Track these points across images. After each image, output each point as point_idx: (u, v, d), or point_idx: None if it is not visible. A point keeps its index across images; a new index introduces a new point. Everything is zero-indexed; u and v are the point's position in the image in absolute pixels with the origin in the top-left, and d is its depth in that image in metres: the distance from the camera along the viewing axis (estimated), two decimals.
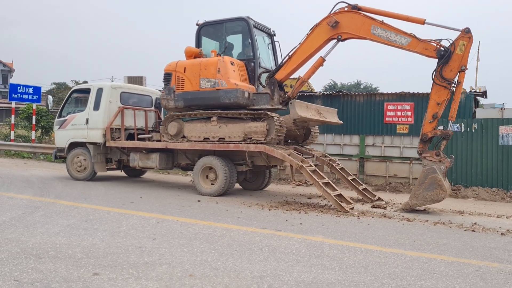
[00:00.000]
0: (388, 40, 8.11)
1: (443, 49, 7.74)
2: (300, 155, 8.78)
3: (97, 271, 3.91)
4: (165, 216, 6.65)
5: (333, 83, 46.52)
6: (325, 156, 9.93)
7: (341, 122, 10.69)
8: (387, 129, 12.82)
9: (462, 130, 11.54)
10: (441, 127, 8.75)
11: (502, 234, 6.35)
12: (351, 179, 9.60)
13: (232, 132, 9.10)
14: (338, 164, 9.86)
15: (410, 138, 12.49)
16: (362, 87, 46.10)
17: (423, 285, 3.88)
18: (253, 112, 9.06)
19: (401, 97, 12.70)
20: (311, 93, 14.03)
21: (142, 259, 4.32)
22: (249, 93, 9.17)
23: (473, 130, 11.51)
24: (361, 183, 9.93)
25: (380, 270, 4.29)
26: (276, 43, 10.52)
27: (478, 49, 29.43)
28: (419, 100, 12.44)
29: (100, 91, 10.88)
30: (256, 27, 9.77)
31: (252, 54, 9.66)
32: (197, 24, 10.15)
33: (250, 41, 9.64)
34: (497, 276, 4.26)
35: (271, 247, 4.99)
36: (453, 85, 7.80)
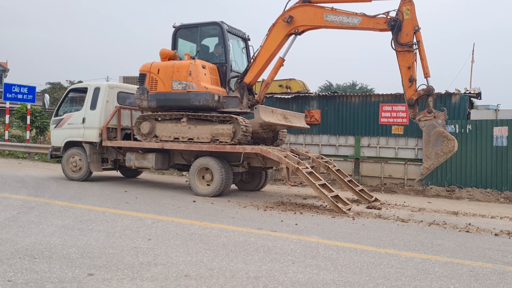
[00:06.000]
0: (341, 23, 8.55)
1: (392, 19, 8.15)
2: (296, 157, 8.81)
3: (92, 271, 3.90)
4: (160, 217, 6.64)
5: (328, 84, 46.62)
6: (321, 158, 9.96)
7: (308, 126, 11.14)
8: (382, 130, 12.87)
9: (457, 131, 11.61)
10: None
11: (496, 234, 6.40)
12: (347, 181, 9.63)
13: (200, 133, 9.33)
14: (334, 166, 9.88)
15: (405, 139, 12.54)
16: (357, 88, 46.17)
17: (417, 286, 3.90)
18: (219, 114, 9.27)
19: (396, 98, 12.75)
20: (307, 94, 14.06)
21: (137, 260, 4.31)
22: (219, 96, 9.37)
23: (467, 132, 11.59)
24: (358, 184, 9.96)
25: (374, 270, 4.31)
26: (250, 48, 10.67)
27: (473, 51, 29.65)
28: None
29: (97, 90, 10.86)
30: (229, 32, 9.98)
31: (224, 58, 9.86)
32: (173, 27, 10.33)
33: (222, 45, 9.85)
34: (491, 276, 4.30)
35: (266, 248, 5.00)
36: (414, 46, 8.11)
